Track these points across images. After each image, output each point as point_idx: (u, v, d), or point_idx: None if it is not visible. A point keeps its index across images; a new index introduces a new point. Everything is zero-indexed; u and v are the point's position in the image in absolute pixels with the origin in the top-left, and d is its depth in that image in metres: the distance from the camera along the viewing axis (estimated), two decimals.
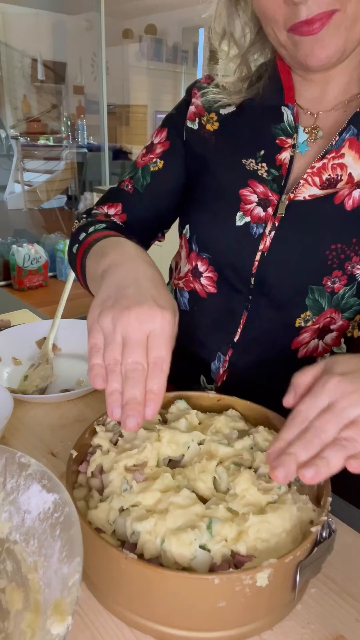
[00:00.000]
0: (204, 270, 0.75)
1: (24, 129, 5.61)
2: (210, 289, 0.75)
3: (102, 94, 4.16)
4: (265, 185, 0.69)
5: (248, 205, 0.69)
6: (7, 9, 5.14)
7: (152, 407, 0.46)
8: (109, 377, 0.47)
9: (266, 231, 0.68)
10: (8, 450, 0.43)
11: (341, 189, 0.65)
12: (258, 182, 0.69)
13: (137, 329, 0.46)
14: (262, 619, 0.43)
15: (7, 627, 0.39)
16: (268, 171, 0.69)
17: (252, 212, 0.69)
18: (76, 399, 0.77)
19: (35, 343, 0.91)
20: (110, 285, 0.51)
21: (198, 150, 0.77)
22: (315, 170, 0.65)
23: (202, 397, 0.62)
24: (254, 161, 0.70)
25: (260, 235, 0.68)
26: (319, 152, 0.67)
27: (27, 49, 5.43)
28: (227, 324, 0.74)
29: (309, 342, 0.71)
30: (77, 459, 0.52)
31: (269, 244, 0.68)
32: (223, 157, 0.74)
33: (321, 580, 0.48)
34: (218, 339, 0.76)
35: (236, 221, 0.70)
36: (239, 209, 0.70)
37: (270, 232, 0.68)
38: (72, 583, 0.33)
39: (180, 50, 5.70)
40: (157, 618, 0.42)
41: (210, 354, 0.77)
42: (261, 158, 0.70)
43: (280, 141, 0.69)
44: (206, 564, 0.42)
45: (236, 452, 0.52)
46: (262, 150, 0.70)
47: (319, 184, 0.65)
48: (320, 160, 0.65)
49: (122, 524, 0.45)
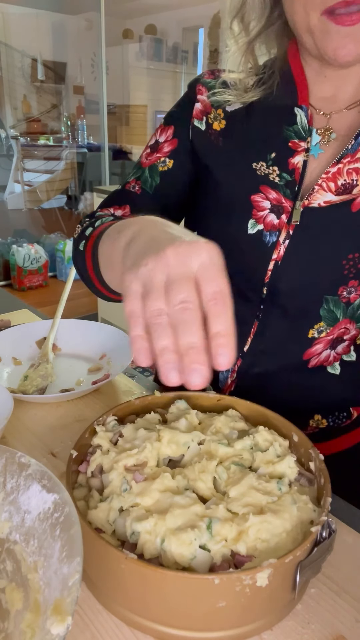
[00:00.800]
0: None
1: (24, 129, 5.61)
2: None
3: (102, 94, 4.16)
4: (277, 191, 0.66)
5: (260, 212, 0.66)
6: (7, 9, 5.13)
7: (226, 355, 0.36)
8: (154, 334, 0.37)
9: (280, 239, 0.65)
10: (8, 450, 0.43)
11: (358, 195, 0.62)
12: (270, 188, 0.66)
13: (181, 264, 0.37)
14: (262, 619, 0.43)
15: (7, 627, 0.39)
16: (280, 175, 0.66)
17: (265, 219, 0.66)
18: (76, 399, 0.77)
19: (35, 343, 0.91)
20: (139, 247, 0.43)
21: (205, 152, 0.74)
22: (330, 175, 0.62)
23: (202, 397, 0.62)
24: (264, 164, 0.67)
25: (274, 243, 0.65)
26: (332, 156, 0.65)
27: (27, 49, 5.43)
28: (236, 333, 0.72)
29: (321, 353, 0.69)
30: (77, 459, 0.52)
31: (282, 253, 0.65)
32: (232, 160, 0.70)
33: (321, 580, 0.48)
34: None
35: (248, 229, 0.67)
36: (251, 216, 0.67)
37: (284, 240, 0.65)
38: (72, 583, 0.33)
39: (180, 50, 5.69)
40: (157, 618, 0.42)
41: None
42: (272, 161, 0.66)
43: (293, 144, 0.65)
44: (206, 564, 0.42)
45: (236, 452, 0.52)
46: (272, 153, 0.66)
47: (334, 190, 0.63)
48: (336, 165, 0.62)
49: (122, 524, 0.45)
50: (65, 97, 5.96)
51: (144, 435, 0.53)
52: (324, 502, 0.45)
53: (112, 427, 0.56)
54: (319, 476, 0.50)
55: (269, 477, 0.49)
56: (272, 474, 0.50)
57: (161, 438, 0.53)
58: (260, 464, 0.51)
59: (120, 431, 0.55)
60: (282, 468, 0.50)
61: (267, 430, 0.55)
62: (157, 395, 0.62)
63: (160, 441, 0.52)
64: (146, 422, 0.57)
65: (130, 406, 0.60)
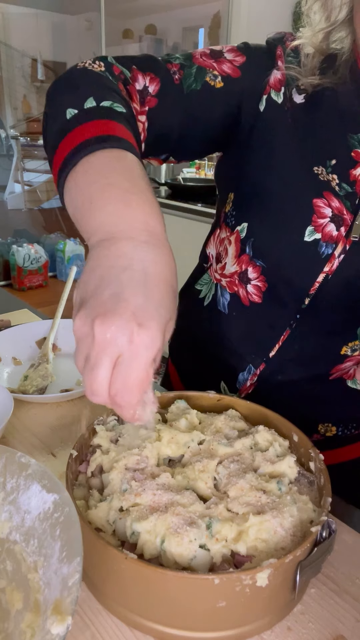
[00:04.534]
0: (254, 277, 0.67)
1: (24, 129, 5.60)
2: (255, 298, 0.68)
3: None
4: (340, 201, 0.61)
5: (321, 220, 0.61)
6: (7, 9, 5.13)
7: None
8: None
9: (335, 253, 0.61)
10: (8, 450, 0.43)
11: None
12: (333, 196, 0.61)
13: (108, 343, 0.36)
14: (262, 619, 0.43)
15: (7, 627, 0.39)
16: (339, 185, 0.61)
17: (324, 228, 0.61)
18: (76, 399, 0.77)
19: (35, 343, 0.91)
20: (93, 277, 0.39)
21: (270, 135, 0.65)
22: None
23: (202, 397, 0.62)
24: (324, 170, 0.61)
25: (328, 256, 0.61)
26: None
27: (27, 49, 5.42)
28: (265, 338, 0.69)
29: (349, 369, 0.68)
30: (77, 459, 0.52)
31: (335, 267, 0.61)
32: (293, 156, 0.64)
33: (321, 580, 0.48)
34: (252, 351, 0.71)
35: (305, 236, 0.62)
36: (311, 222, 0.62)
37: (339, 255, 0.61)
38: (72, 583, 0.33)
39: (180, 50, 5.70)
40: (157, 618, 0.42)
41: (241, 364, 0.72)
42: (331, 168, 0.61)
43: (356, 154, 0.60)
44: (206, 564, 0.42)
45: (236, 452, 0.52)
46: (333, 160, 0.61)
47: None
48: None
49: (122, 524, 0.45)
50: None
51: (144, 435, 0.53)
52: (324, 502, 0.45)
53: (112, 427, 0.56)
54: (319, 476, 0.50)
55: (269, 476, 0.49)
56: (272, 474, 0.50)
57: (161, 438, 0.53)
58: (261, 464, 0.51)
59: (121, 431, 0.55)
60: (282, 468, 0.50)
61: (267, 430, 0.55)
62: (157, 395, 0.61)
63: (160, 441, 0.52)
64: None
65: None
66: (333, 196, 0.61)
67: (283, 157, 0.64)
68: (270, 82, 0.65)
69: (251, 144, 0.66)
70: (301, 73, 0.62)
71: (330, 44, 0.61)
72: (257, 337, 0.70)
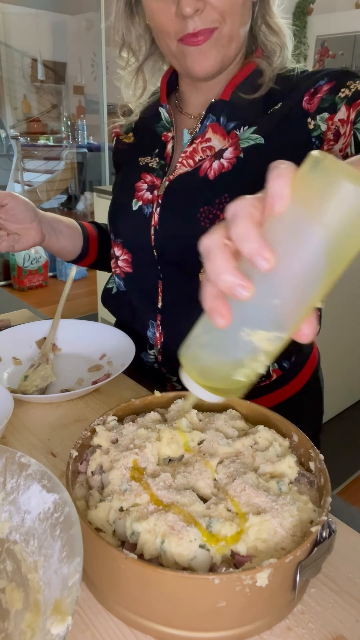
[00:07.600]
0: (120, 254, 0.89)
1: (24, 129, 5.60)
2: (126, 269, 0.89)
3: (102, 94, 4.16)
4: (152, 174, 0.84)
5: (139, 192, 0.84)
6: (7, 9, 5.13)
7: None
8: None
9: (153, 209, 0.81)
10: (8, 450, 0.43)
11: (202, 163, 0.78)
12: (147, 173, 0.85)
13: None
14: (262, 619, 0.43)
15: (7, 627, 0.39)
16: (158, 162, 0.85)
17: (142, 197, 0.83)
18: (76, 399, 0.77)
19: (35, 343, 0.91)
20: None
21: (119, 155, 0.96)
22: (187, 154, 0.79)
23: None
24: (149, 157, 0.86)
25: (150, 213, 0.82)
26: None
27: (27, 49, 5.42)
28: (150, 294, 0.86)
29: None
30: (77, 458, 0.52)
31: (157, 219, 0.80)
32: (130, 160, 0.90)
33: (321, 580, 0.48)
34: (147, 309, 0.87)
35: (132, 206, 0.84)
36: (134, 196, 0.85)
37: (156, 208, 0.81)
38: (72, 583, 0.33)
39: None
40: (157, 618, 0.42)
41: (145, 324, 0.88)
42: (155, 154, 0.86)
43: (164, 137, 0.85)
44: (206, 564, 0.42)
45: (236, 452, 0.52)
46: (156, 149, 0.86)
47: (193, 165, 0.79)
48: (190, 145, 0.80)
49: (122, 524, 0.45)
50: (65, 97, 5.96)
51: (144, 435, 0.53)
52: (324, 502, 0.45)
53: (112, 427, 0.56)
54: (318, 476, 0.50)
55: (269, 476, 0.49)
56: (272, 474, 0.50)
57: (161, 438, 0.53)
58: (261, 464, 0.51)
59: (121, 431, 0.55)
60: (282, 468, 0.50)
61: (267, 430, 0.55)
62: (157, 395, 0.62)
63: (160, 441, 0.52)
64: (146, 422, 0.57)
65: (130, 406, 0.60)
66: (147, 173, 0.85)
67: (126, 161, 0.92)
68: (115, 146, 0.98)
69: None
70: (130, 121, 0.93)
71: (146, 75, 0.88)
72: (146, 297, 0.86)
